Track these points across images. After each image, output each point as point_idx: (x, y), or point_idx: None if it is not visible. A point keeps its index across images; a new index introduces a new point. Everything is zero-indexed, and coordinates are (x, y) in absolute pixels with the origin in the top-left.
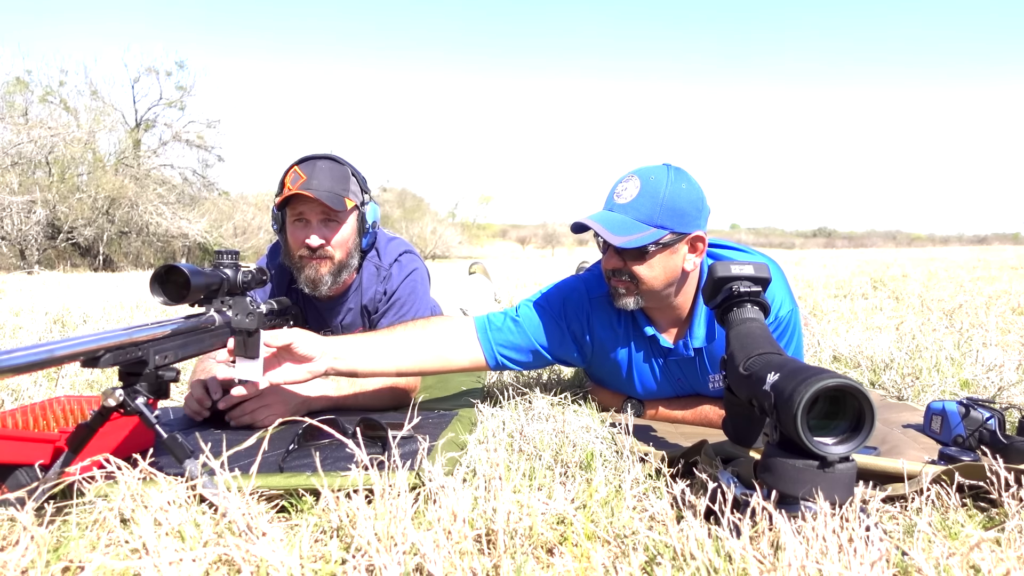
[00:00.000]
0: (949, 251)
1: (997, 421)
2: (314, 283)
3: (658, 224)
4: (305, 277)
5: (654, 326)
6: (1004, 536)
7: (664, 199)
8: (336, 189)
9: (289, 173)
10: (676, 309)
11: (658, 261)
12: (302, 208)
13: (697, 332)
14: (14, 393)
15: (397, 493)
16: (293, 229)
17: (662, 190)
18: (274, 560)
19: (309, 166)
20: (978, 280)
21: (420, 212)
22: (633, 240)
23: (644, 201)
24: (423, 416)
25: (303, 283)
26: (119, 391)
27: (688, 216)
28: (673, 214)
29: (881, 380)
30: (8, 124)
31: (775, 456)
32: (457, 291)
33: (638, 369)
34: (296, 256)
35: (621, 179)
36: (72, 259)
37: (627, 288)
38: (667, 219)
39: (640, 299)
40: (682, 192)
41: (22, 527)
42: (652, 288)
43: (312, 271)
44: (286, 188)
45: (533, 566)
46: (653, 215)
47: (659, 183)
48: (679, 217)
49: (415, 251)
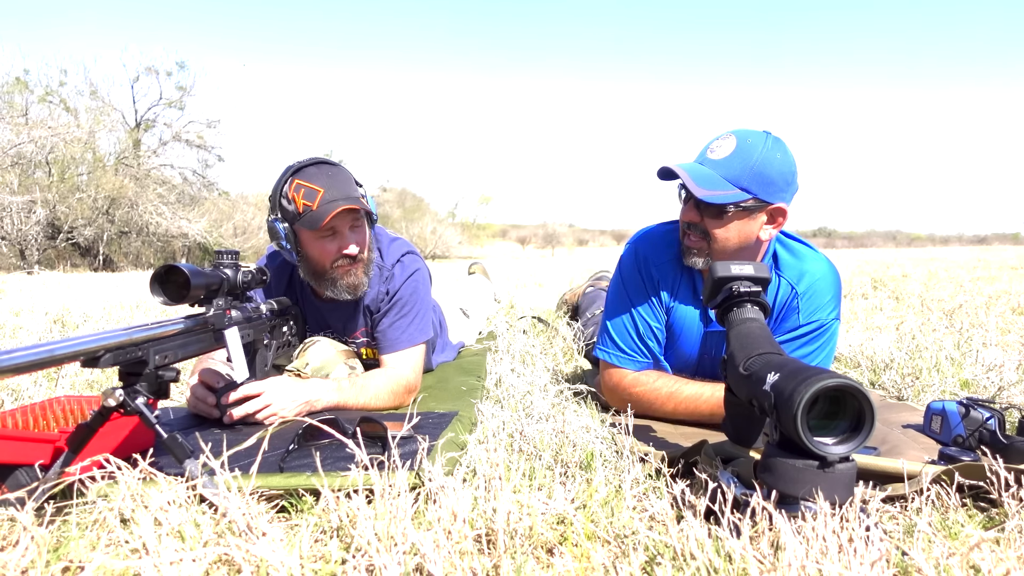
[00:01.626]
0: (949, 251)
1: (997, 421)
2: (355, 288)
3: (743, 187)
4: (345, 285)
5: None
6: (1004, 536)
7: (755, 163)
8: (353, 193)
9: (295, 189)
10: None
11: (735, 224)
12: (334, 221)
13: None
14: (14, 393)
15: (397, 493)
16: (323, 243)
17: (756, 154)
18: (274, 560)
19: (315, 177)
20: (978, 280)
21: (420, 212)
22: (716, 196)
23: (735, 161)
24: (423, 416)
25: (342, 291)
26: (119, 391)
27: (775, 186)
28: (761, 180)
29: (881, 380)
30: (8, 124)
31: (775, 456)
32: (457, 291)
33: (686, 332)
34: (330, 267)
35: (718, 136)
36: (72, 259)
37: (699, 247)
38: (754, 184)
39: (710, 260)
40: (775, 161)
41: (22, 527)
42: (724, 249)
43: (352, 278)
44: (300, 206)
45: (533, 566)
46: (741, 177)
47: (754, 147)
48: (766, 185)
49: (417, 252)
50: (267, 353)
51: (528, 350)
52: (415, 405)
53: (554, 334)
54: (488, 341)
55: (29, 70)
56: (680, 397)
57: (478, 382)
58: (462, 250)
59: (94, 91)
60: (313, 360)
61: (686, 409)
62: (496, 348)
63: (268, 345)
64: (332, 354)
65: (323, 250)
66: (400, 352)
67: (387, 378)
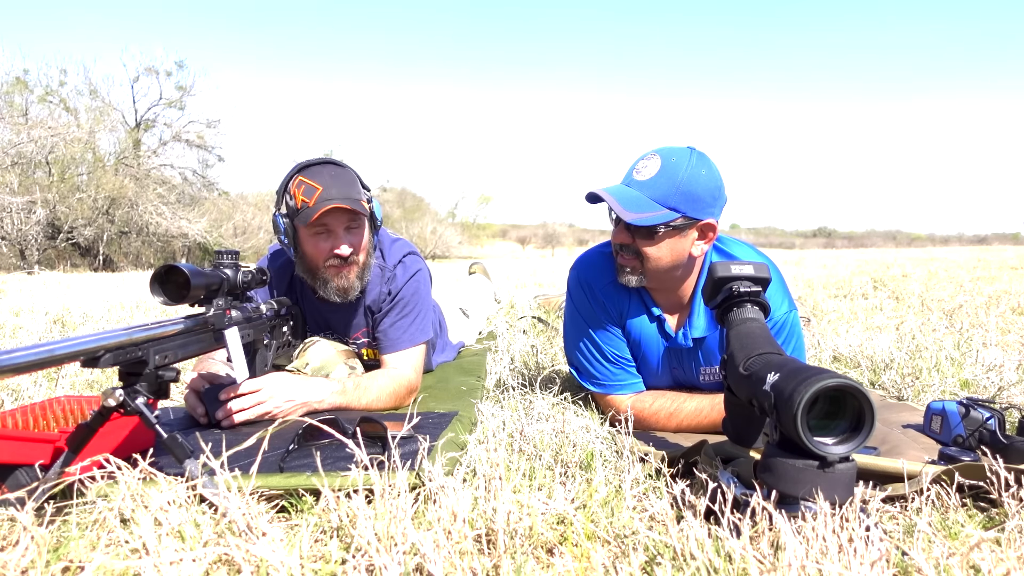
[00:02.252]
0: (949, 251)
1: (997, 421)
2: (345, 291)
3: (672, 206)
4: (335, 287)
5: (659, 308)
6: (1004, 536)
7: (681, 182)
8: (353, 194)
9: (297, 185)
10: (679, 294)
11: (666, 243)
12: (327, 219)
13: (697, 322)
14: (14, 393)
15: (397, 493)
16: (316, 241)
17: (681, 173)
18: (274, 560)
19: (318, 175)
20: (978, 280)
21: (420, 212)
22: (644, 219)
23: (662, 181)
24: (423, 416)
25: (331, 292)
26: (119, 391)
27: (703, 202)
28: (688, 198)
29: (881, 380)
30: (8, 124)
31: (775, 456)
32: (457, 291)
33: (646, 348)
34: (322, 266)
35: (643, 156)
36: (72, 259)
37: (632, 265)
38: (681, 202)
39: (643, 278)
40: (700, 178)
41: (22, 527)
42: (657, 268)
43: (343, 280)
44: (298, 201)
45: (533, 566)
46: (668, 196)
47: (679, 165)
48: (694, 202)
49: (418, 253)
50: (267, 353)
51: (528, 350)
52: (415, 405)
53: (554, 334)
54: (488, 341)
55: (28, 70)
56: (680, 416)
57: (478, 382)
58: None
59: (94, 91)
60: (313, 360)
61: (688, 426)
62: (496, 348)
63: (268, 345)
64: (332, 354)
65: (316, 248)
66: (401, 352)
67: (388, 378)
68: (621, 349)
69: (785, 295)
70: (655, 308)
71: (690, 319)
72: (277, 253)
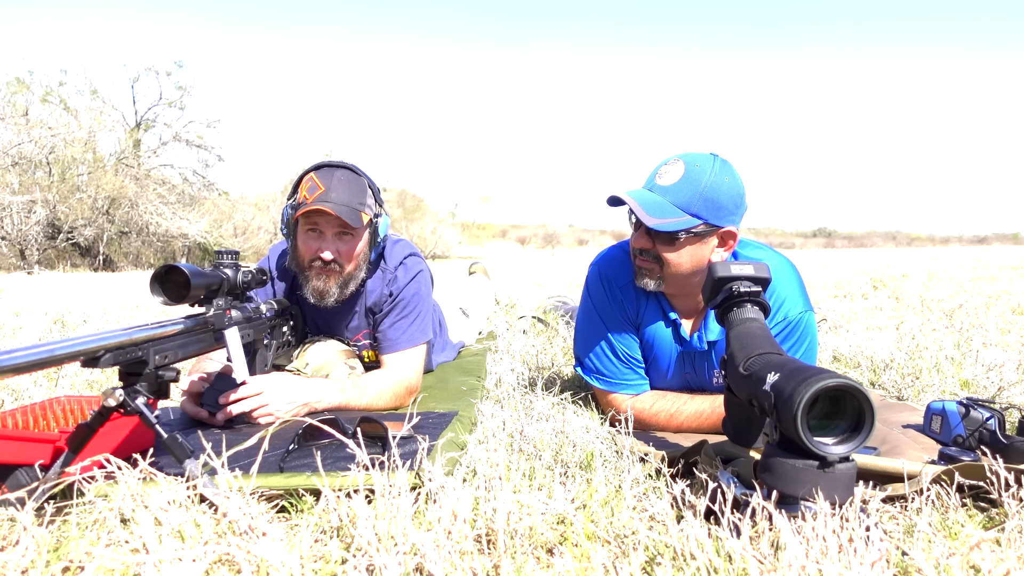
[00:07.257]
0: (949, 251)
1: (997, 421)
2: (321, 294)
3: (694, 212)
4: (312, 287)
5: (676, 312)
6: (1004, 536)
7: (704, 189)
8: (353, 203)
9: (306, 180)
10: (696, 299)
11: (687, 249)
12: (318, 219)
13: (712, 325)
14: (14, 393)
15: (397, 493)
16: (306, 238)
17: (704, 179)
18: (274, 560)
19: (327, 176)
20: (978, 280)
21: (420, 212)
22: (666, 224)
23: (685, 187)
24: (423, 416)
25: (309, 292)
26: (119, 391)
27: (725, 210)
28: (711, 205)
29: (881, 380)
30: (8, 124)
31: (775, 456)
32: (457, 291)
33: (659, 351)
34: (306, 264)
35: (666, 161)
36: (72, 259)
37: (651, 269)
38: (704, 209)
39: (662, 282)
40: (723, 185)
41: (22, 527)
42: (676, 274)
43: (321, 282)
44: (301, 196)
45: (533, 566)
46: (691, 203)
47: (702, 171)
48: (716, 209)
49: (420, 254)
50: (267, 353)
51: (528, 350)
52: (415, 405)
53: (554, 334)
54: (488, 341)
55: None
56: (681, 418)
57: (478, 382)
58: (462, 250)
59: (94, 91)
60: (313, 360)
61: (688, 428)
62: (496, 348)
63: (268, 345)
64: (332, 354)
65: (305, 245)
66: (401, 352)
67: (388, 378)
68: (632, 348)
69: (802, 295)
70: (672, 312)
71: (705, 322)
72: (283, 253)
